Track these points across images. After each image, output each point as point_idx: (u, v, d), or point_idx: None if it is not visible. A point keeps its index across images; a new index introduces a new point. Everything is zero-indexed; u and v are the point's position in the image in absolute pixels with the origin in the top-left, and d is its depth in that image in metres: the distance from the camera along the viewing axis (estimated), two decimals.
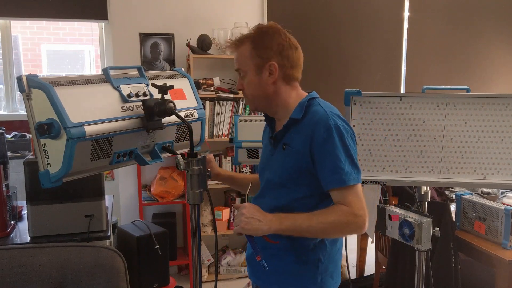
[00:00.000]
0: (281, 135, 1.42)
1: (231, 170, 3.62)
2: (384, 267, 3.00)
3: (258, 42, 1.39)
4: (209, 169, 1.42)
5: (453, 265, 2.38)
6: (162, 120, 1.31)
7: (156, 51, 3.57)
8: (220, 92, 3.50)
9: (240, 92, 1.51)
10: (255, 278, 1.54)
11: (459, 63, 4.35)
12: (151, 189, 3.47)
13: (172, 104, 1.27)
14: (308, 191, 1.38)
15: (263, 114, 1.55)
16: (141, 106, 1.29)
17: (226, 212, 3.58)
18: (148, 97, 1.33)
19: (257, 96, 1.43)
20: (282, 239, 1.41)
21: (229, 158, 3.59)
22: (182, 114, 1.39)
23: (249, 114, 3.60)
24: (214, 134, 3.53)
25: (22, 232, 2.13)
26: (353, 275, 3.54)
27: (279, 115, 1.46)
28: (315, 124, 1.33)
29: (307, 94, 1.46)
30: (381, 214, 1.78)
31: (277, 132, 1.44)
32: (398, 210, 1.74)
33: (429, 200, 1.99)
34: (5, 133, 2.26)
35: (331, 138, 1.31)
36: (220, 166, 3.60)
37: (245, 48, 1.40)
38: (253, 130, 2.21)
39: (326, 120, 1.33)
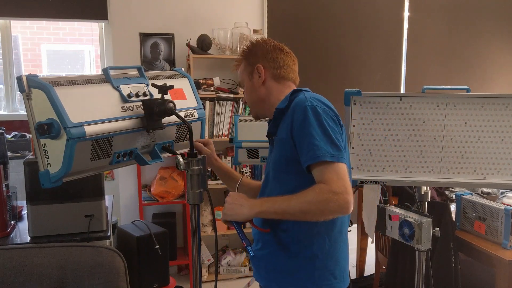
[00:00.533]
0: (272, 129, 1.47)
1: None
2: (384, 267, 3.00)
3: (248, 53, 1.54)
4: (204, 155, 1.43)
5: (453, 265, 2.38)
6: (162, 120, 1.31)
7: (156, 51, 3.57)
8: (220, 92, 3.50)
9: (241, 92, 1.55)
10: (258, 276, 1.55)
11: (459, 63, 4.35)
12: (151, 189, 3.47)
13: (172, 104, 1.27)
14: (298, 180, 1.37)
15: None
16: (141, 106, 1.29)
17: None
18: (148, 97, 1.33)
19: (254, 101, 1.53)
20: (276, 233, 1.43)
21: (229, 158, 3.59)
22: (182, 114, 1.39)
23: (249, 114, 3.60)
24: (214, 134, 3.53)
25: (22, 232, 2.13)
26: (353, 275, 3.54)
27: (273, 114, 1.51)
28: (293, 109, 1.37)
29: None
30: (381, 214, 1.78)
31: (269, 127, 1.50)
32: (398, 210, 1.74)
33: (429, 200, 1.99)
34: (5, 133, 2.26)
35: (306, 118, 1.32)
36: None
37: (241, 65, 1.56)
38: (253, 130, 2.21)
39: (303, 102, 1.35)
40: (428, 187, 1.97)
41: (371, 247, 3.38)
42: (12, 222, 2.14)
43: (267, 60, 1.50)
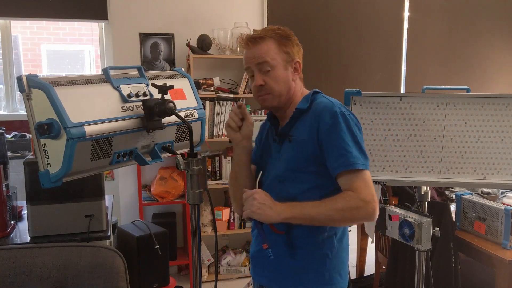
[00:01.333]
0: (288, 128, 1.44)
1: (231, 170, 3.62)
2: (384, 267, 3.00)
3: (284, 39, 1.43)
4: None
5: (453, 265, 2.38)
6: (162, 120, 1.31)
7: (156, 51, 3.57)
8: (220, 92, 3.50)
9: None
10: (259, 276, 1.53)
11: (459, 63, 4.35)
12: (151, 189, 3.47)
13: (172, 104, 1.27)
14: (316, 180, 1.38)
15: (265, 113, 1.56)
16: (141, 106, 1.29)
17: (226, 212, 3.58)
18: (148, 97, 1.33)
19: (282, 92, 1.43)
20: (288, 234, 1.42)
21: (229, 158, 3.59)
22: (182, 114, 1.38)
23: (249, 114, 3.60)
24: (214, 134, 3.53)
25: (22, 232, 2.13)
26: (353, 275, 3.54)
27: (287, 113, 1.48)
28: (320, 112, 1.37)
29: (309, 91, 1.51)
30: (381, 214, 1.78)
31: (284, 126, 1.46)
32: (398, 210, 1.74)
33: (429, 200, 1.99)
34: (5, 133, 2.26)
35: (337, 123, 1.33)
36: (220, 166, 3.60)
37: (270, 43, 1.41)
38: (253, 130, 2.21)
39: (332, 107, 1.36)
40: (428, 187, 1.97)
41: (371, 247, 3.38)
42: (12, 222, 2.14)
43: (299, 56, 1.47)
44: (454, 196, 2.79)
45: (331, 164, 1.34)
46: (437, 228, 1.72)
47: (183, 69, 1.56)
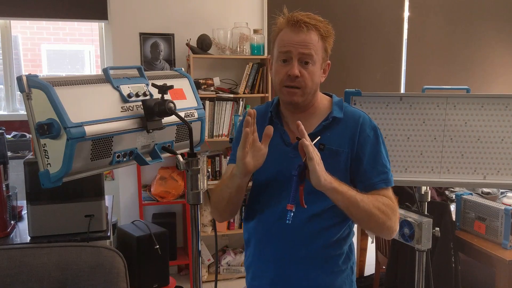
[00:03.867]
0: (317, 134, 1.32)
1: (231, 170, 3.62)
2: (384, 267, 3.00)
3: (327, 35, 1.35)
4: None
5: (453, 265, 2.38)
6: (162, 120, 1.31)
7: (156, 51, 3.57)
8: (220, 92, 3.50)
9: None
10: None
11: (459, 63, 4.35)
12: (151, 189, 3.47)
13: (172, 104, 1.27)
14: None
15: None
16: (141, 106, 1.29)
17: None
18: (148, 97, 1.33)
19: (312, 90, 1.34)
20: (311, 247, 1.33)
21: (229, 158, 3.59)
22: (182, 114, 1.38)
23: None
24: (214, 134, 3.53)
25: (22, 232, 2.13)
26: None
27: (305, 114, 1.37)
28: (361, 124, 1.35)
29: (325, 95, 1.48)
30: None
31: (312, 132, 1.33)
32: None
33: (429, 200, 1.99)
34: (5, 133, 2.26)
35: (377, 138, 1.35)
36: (220, 166, 3.60)
37: (315, 36, 1.33)
38: None
39: (370, 121, 1.37)
40: (428, 187, 1.97)
41: (371, 247, 3.38)
42: (12, 222, 2.14)
43: (328, 57, 1.40)
44: (454, 196, 2.79)
45: (370, 178, 1.33)
46: (437, 228, 1.72)
47: (183, 69, 1.56)
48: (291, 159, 1.31)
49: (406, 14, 4.15)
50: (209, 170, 3.56)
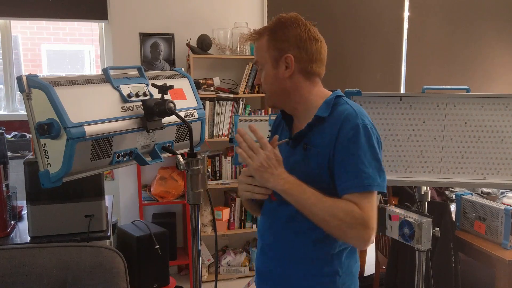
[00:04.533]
0: (303, 134, 1.31)
1: (231, 170, 3.62)
2: (384, 267, 3.00)
3: (275, 33, 1.32)
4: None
5: (453, 265, 2.38)
6: (162, 120, 1.31)
7: (156, 51, 3.57)
8: (220, 92, 3.50)
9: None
10: None
11: (459, 63, 4.35)
12: (151, 189, 3.47)
13: (172, 104, 1.27)
14: (328, 193, 1.24)
15: (269, 114, 1.51)
16: (141, 106, 1.29)
17: (226, 212, 3.58)
18: (148, 97, 1.33)
19: (275, 91, 1.33)
20: (296, 249, 1.33)
21: (229, 158, 3.59)
22: (182, 114, 1.38)
23: (249, 114, 3.60)
24: (214, 134, 3.53)
25: (22, 232, 2.13)
26: None
27: (298, 113, 1.36)
28: (342, 122, 1.23)
29: (330, 92, 1.38)
30: (381, 214, 1.78)
31: (299, 131, 1.32)
32: (398, 210, 1.74)
33: (429, 200, 1.99)
34: (5, 133, 2.26)
35: (357, 137, 1.20)
36: (220, 166, 3.60)
37: (263, 40, 1.32)
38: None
39: (354, 118, 1.23)
40: (428, 187, 1.97)
41: (371, 247, 3.37)
42: (12, 222, 2.14)
43: (299, 50, 1.30)
44: (454, 196, 2.79)
45: (341, 182, 1.22)
46: (437, 228, 1.72)
47: (183, 69, 1.56)
48: (286, 158, 1.33)
49: (406, 14, 4.15)
50: (209, 170, 3.56)
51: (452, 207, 2.59)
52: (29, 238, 2.01)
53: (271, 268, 1.39)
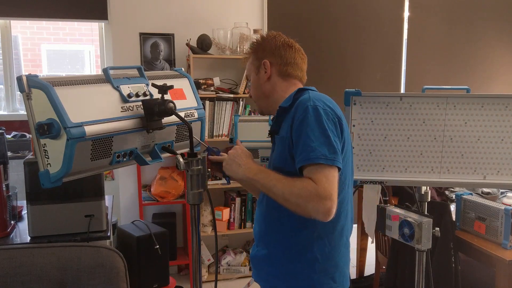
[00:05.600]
0: (274, 127, 1.45)
1: None
2: (384, 267, 3.00)
3: (257, 47, 1.53)
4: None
5: (453, 265, 2.38)
6: (162, 120, 1.31)
7: (156, 51, 3.57)
8: (220, 92, 3.50)
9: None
10: (257, 277, 1.55)
11: (459, 63, 4.35)
12: (151, 189, 3.47)
13: (172, 104, 1.27)
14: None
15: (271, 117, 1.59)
16: (141, 106, 1.29)
17: (226, 212, 3.58)
18: (148, 97, 1.33)
19: (258, 96, 1.53)
20: (275, 235, 1.44)
21: None
22: (182, 114, 1.38)
23: (249, 114, 3.60)
24: (214, 134, 3.53)
25: (22, 232, 2.13)
26: (353, 275, 3.54)
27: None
28: (295, 108, 1.35)
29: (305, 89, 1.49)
30: (381, 214, 1.78)
31: (271, 126, 1.48)
32: (398, 210, 1.74)
33: (429, 200, 1.99)
34: (5, 133, 2.26)
35: (306, 118, 1.29)
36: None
37: (250, 55, 1.56)
38: (253, 130, 2.20)
39: (306, 101, 1.33)
40: (428, 187, 1.97)
41: (371, 247, 3.38)
42: (12, 222, 2.14)
43: (274, 56, 1.48)
44: (454, 196, 2.79)
45: (296, 159, 1.30)
46: (437, 228, 1.72)
47: (183, 69, 1.57)
48: (272, 152, 1.49)
49: (406, 14, 4.15)
50: (209, 169, 3.55)
51: (452, 207, 2.59)
52: (29, 238, 2.01)
53: (257, 253, 1.51)
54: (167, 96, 1.32)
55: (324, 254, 1.39)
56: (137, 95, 1.30)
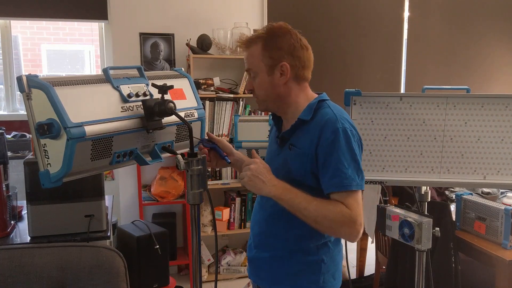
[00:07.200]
0: (288, 135, 1.41)
1: (231, 170, 3.62)
2: (384, 267, 3.00)
3: (269, 42, 1.37)
4: (225, 155, 1.51)
5: (453, 265, 2.38)
6: (162, 120, 1.31)
7: (156, 51, 3.57)
8: (220, 92, 3.50)
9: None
10: (257, 278, 1.54)
11: (459, 63, 4.35)
12: (151, 189, 3.47)
13: (172, 104, 1.27)
14: (311, 193, 1.34)
15: (269, 114, 1.56)
16: (141, 106, 1.29)
17: (226, 212, 3.58)
18: (148, 97, 1.33)
19: (268, 97, 1.41)
20: (280, 240, 1.43)
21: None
22: (182, 114, 1.38)
23: (249, 114, 3.60)
24: (214, 134, 3.52)
25: (22, 232, 2.13)
26: (353, 275, 3.54)
27: (288, 115, 1.45)
28: (322, 126, 1.33)
29: (316, 95, 1.46)
30: (381, 214, 1.78)
31: (284, 132, 1.43)
32: (398, 210, 1.74)
33: (429, 200, 1.99)
34: (5, 133, 2.26)
35: (337, 141, 1.30)
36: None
37: (256, 48, 1.39)
38: (253, 130, 2.21)
39: (334, 122, 1.32)
40: (428, 187, 1.97)
41: (371, 247, 3.38)
42: (12, 222, 2.14)
43: (293, 57, 1.37)
44: (454, 196, 2.79)
45: (324, 182, 1.32)
46: (437, 228, 1.72)
47: (183, 69, 1.56)
48: (276, 156, 1.47)
49: (406, 14, 4.14)
50: (209, 169, 3.55)
51: (452, 207, 2.59)
52: (29, 238, 2.01)
53: (259, 255, 1.50)
54: (167, 96, 1.32)
55: (329, 256, 1.44)
56: (137, 95, 1.30)
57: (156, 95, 1.32)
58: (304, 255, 1.42)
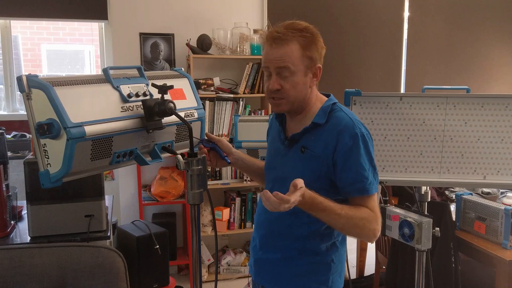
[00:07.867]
0: (300, 137, 1.40)
1: (231, 170, 3.62)
2: (384, 267, 3.00)
3: (311, 43, 1.35)
4: (225, 155, 1.53)
5: (453, 265, 2.38)
6: (162, 120, 1.31)
7: (156, 51, 3.57)
8: (220, 92, 3.50)
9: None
10: (263, 279, 1.52)
11: (459, 63, 4.35)
12: (151, 189, 3.47)
13: (172, 104, 1.27)
14: (324, 195, 1.30)
15: (270, 113, 1.55)
16: (141, 106, 1.29)
17: (226, 212, 3.58)
18: (148, 97, 1.33)
19: (298, 98, 1.37)
20: (297, 241, 1.43)
21: None
22: (182, 114, 1.38)
23: (249, 114, 3.60)
24: (214, 134, 3.53)
25: (22, 232, 2.13)
26: (353, 275, 3.54)
27: (300, 116, 1.43)
28: (340, 132, 1.34)
29: (323, 95, 1.47)
30: (381, 214, 1.78)
31: (295, 133, 1.41)
32: (398, 210, 1.74)
33: (429, 200, 1.99)
34: (5, 133, 2.26)
35: (356, 146, 1.32)
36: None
37: (294, 47, 1.33)
38: (253, 130, 2.21)
39: (352, 128, 1.34)
40: (428, 187, 1.97)
41: (371, 247, 3.38)
42: (12, 222, 2.14)
43: (321, 60, 1.40)
44: (454, 196, 2.79)
45: (345, 187, 1.35)
46: (437, 228, 1.72)
47: (183, 69, 1.56)
48: (282, 156, 1.45)
49: (406, 14, 4.14)
50: (209, 169, 3.56)
51: (452, 207, 2.59)
52: (29, 238, 2.01)
53: (266, 257, 1.49)
54: (167, 96, 1.32)
55: (338, 256, 1.46)
56: (137, 95, 1.30)
57: (156, 95, 1.32)
58: (314, 256, 1.42)
